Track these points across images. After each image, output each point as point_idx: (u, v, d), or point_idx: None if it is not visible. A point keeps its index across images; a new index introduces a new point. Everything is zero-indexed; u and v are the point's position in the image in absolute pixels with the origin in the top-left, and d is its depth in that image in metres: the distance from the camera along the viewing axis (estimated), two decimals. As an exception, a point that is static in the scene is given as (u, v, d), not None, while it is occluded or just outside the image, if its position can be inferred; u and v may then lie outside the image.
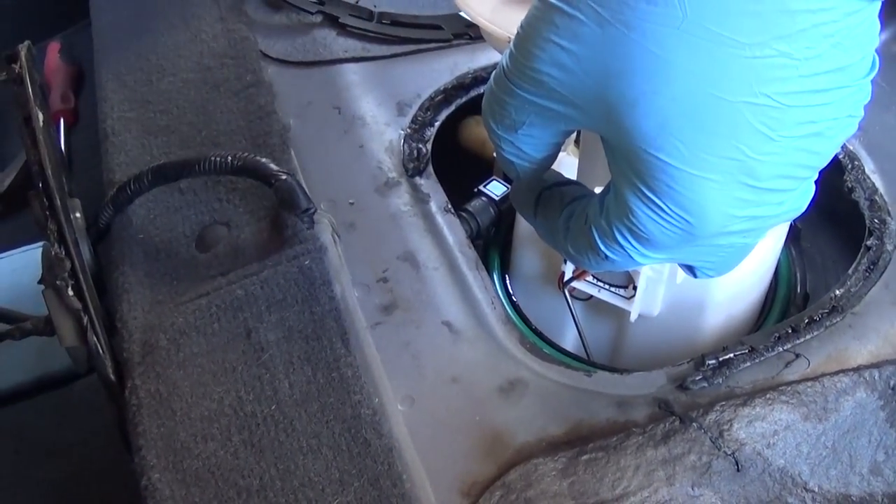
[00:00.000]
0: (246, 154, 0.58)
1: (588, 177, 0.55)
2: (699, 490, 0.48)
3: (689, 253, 0.40)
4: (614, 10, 0.34)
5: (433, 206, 0.64)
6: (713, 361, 0.53)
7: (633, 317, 0.60)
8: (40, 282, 0.53)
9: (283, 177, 0.57)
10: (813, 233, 0.71)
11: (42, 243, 0.54)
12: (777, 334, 0.54)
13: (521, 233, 0.66)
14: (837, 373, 0.52)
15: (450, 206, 0.64)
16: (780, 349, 0.54)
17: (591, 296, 0.61)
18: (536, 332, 0.64)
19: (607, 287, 0.60)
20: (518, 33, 0.38)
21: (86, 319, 0.52)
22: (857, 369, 0.52)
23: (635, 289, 0.59)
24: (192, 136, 0.67)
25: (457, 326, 0.56)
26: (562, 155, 0.56)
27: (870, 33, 0.36)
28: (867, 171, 0.64)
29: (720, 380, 0.52)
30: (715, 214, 0.37)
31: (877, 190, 0.63)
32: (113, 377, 0.54)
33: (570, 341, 0.67)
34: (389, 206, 0.64)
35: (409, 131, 0.69)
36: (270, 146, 0.64)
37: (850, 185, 0.64)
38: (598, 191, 0.43)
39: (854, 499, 0.48)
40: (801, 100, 0.35)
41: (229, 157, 0.57)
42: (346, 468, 0.47)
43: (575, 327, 0.65)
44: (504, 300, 0.64)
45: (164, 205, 0.62)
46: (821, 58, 0.35)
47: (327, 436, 0.49)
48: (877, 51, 0.37)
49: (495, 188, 0.69)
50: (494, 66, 0.73)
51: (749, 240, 0.40)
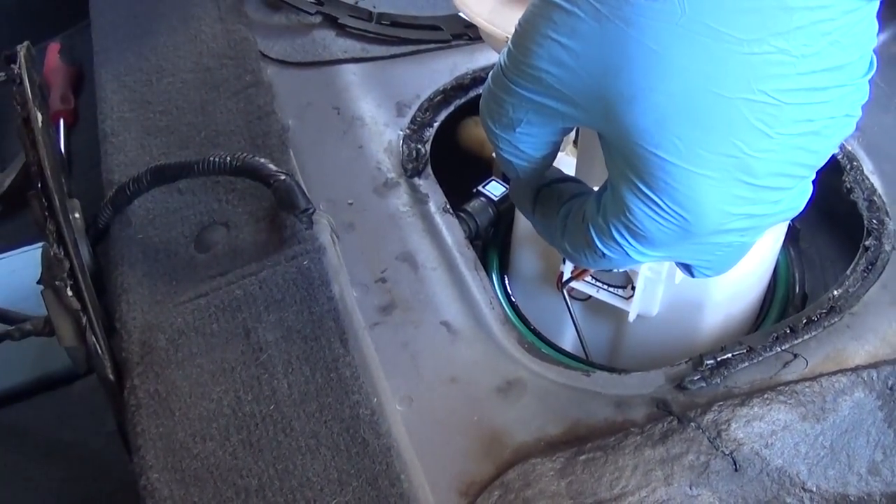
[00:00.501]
0: (245, 154, 0.58)
1: (586, 176, 0.55)
2: (697, 490, 0.48)
3: (686, 251, 0.40)
4: (612, 7, 0.34)
5: (432, 207, 0.64)
6: (711, 361, 0.53)
7: (631, 317, 0.60)
8: (39, 282, 0.53)
9: (282, 177, 0.57)
10: (811, 233, 0.71)
11: (41, 244, 0.54)
12: (775, 334, 0.54)
13: (520, 233, 0.66)
14: (835, 373, 0.52)
15: (448, 206, 0.64)
16: (779, 349, 0.54)
17: (590, 296, 0.62)
18: (535, 332, 0.64)
19: (606, 287, 0.60)
20: (516, 31, 0.38)
21: (85, 320, 0.52)
22: (855, 369, 0.52)
23: (634, 289, 0.59)
24: (192, 136, 0.67)
25: (455, 326, 0.56)
26: (560, 155, 0.57)
27: (868, 33, 0.36)
28: (866, 171, 0.64)
29: (718, 380, 0.52)
30: (712, 211, 0.37)
31: (875, 190, 0.63)
32: (112, 377, 0.54)
33: (568, 341, 0.67)
34: (388, 206, 0.64)
35: (408, 132, 0.69)
36: (269, 146, 0.64)
37: (848, 186, 0.64)
38: (595, 189, 0.43)
39: (852, 498, 0.48)
40: (799, 97, 0.35)
41: (228, 158, 0.57)
42: (344, 468, 0.47)
43: (573, 327, 0.65)
44: (503, 300, 0.64)
45: (163, 205, 0.62)
46: (819, 56, 0.35)
47: (326, 436, 0.49)
48: (875, 51, 0.38)
49: (494, 189, 0.69)
50: (493, 67, 0.74)
51: (746, 239, 0.40)
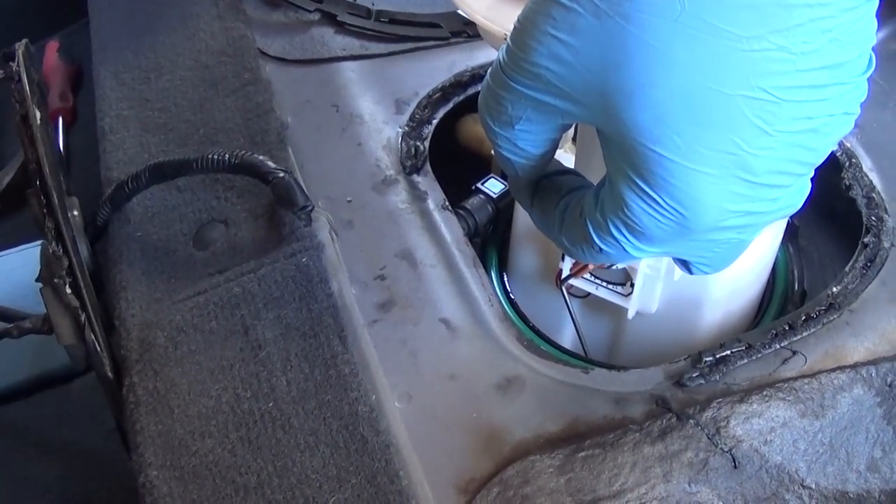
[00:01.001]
0: (243, 152, 0.58)
1: (585, 172, 0.55)
2: (696, 487, 0.48)
3: (684, 248, 0.40)
4: (612, 3, 0.34)
5: (431, 204, 0.64)
6: (710, 358, 0.53)
7: (630, 314, 0.60)
8: (38, 279, 0.53)
9: (281, 174, 0.57)
10: (810, 230, 0.71)
11: (40, 241, 0.54)
12: (774, 331, 0.54)
13: (519, 230, 0.66)
14: (834, 370, 0.52)
15: (447, 203, 0.64)
16: (778, 346, 0.54)
17: (589, 293, 0.62)
18: (534, 329, 0.64)
19: (605, 284, 0.60)
20: (515, 28, 0.38)
21: (83, 317, 0.52)
22: (854, 366, 0.52)
23: (633, 286, 0.59)
24: (190, 133, 0.67)
25: (454, 324, 0.56)
26: (559, 152, 0.56)
27: (867, 30, 0.36)
28: (864, 168, 0.64)
29: (717, 377, 0.52)
30: (710, 208, 0.37)
31: (874, 187, 0.63)
32: (111, 375, 0.54)
33: (567, 339, 0.67)
34: (387, 203, 0.64)
35: (406, 129, 0.69)
36: (268, 144, 0.64)
37: (847, 183, 0.64)
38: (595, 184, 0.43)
39: (851, 495, 0.48)
40: (798, 95, 0.35)
41: (227, 155, 0.57)
42: (343, 465, 0.47)
43: (572, 325, 0.65)
44: (502, 298, 0.64)
45: (162, 203, 0.62)
46: (818, 53, 0.35)
47: (325, 433, 0.49)
48: (874, 49, 0.38)
49: (493, 186, 0.69)
50: (492, 64, 0.74)
51: (744, 236, 0.40)
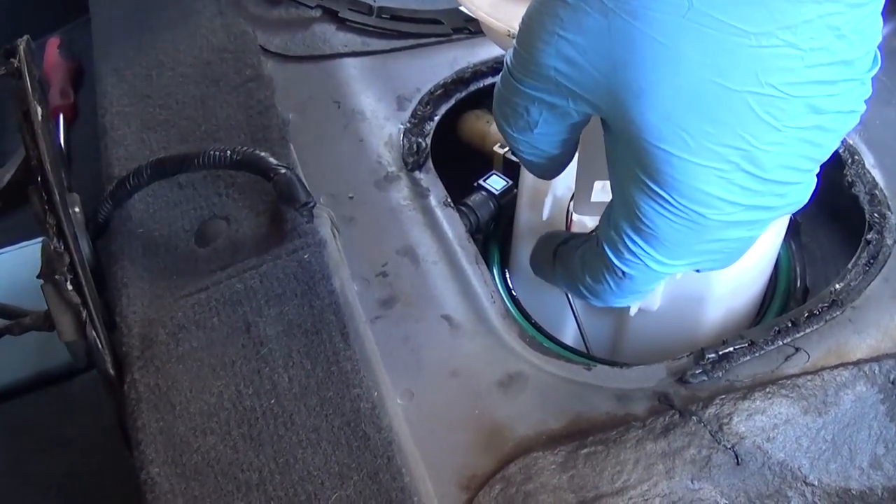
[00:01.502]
0: (245, 148, 0.58)
1: (588, 171, 0.55)
2: (699, 483, 0.48)
3: (700, 253, 0.40)
4: (619, 0, 0.34)
5: (433, 201, 0.64)
6: (713, 355, 0.53)
7: (632, 311, 0.60)
8: (39, 276, 0.53)
9: (283, 171, 0.57)
10: (813, 227, 0.71)
11: (41, 238, 0.54)
12: (777, 328, 0.54)
13: (521, 227, 0.66)
14: (837, 366, 0.52)
15: (449, 200, 0.64)
16: (780, 343, 0.54)
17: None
18: (536, 326, 0.64)
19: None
20: (521, 29, 0.38)
21: (85, 314, 0.52)
22: (856, 363, 0.52)
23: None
24: (192, 130, 0.67)
25: (456, 320, 0.56)
26: None
27: (873, 28, 0.36)
28: (867, 165, 0.64)
29: (720, 373, 0.52)
30: (721, 204, 0.37)
31: (877, 184, 0.63)
32: (112, 372, 0.54)
33: (569, 336, 0.67)
34: (389, 200, 0.64)
35: (408, 125, 0.69)
36: (270, 140, 0.64)
37: (850, 180, 0.64)
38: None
39: (854, 492, 0.48)
40: (806, 91, 0.35)
41: (228, 152, 0.57)
42: (345, 462, 0.47)
43: (575, 322, 0.65)
44: (504, 294, 0.64)
45: (164, 199, 0.62)
46: (826, 50, 0.35)
47: (326, 430, 0.49)
48: (878, 46, 0.37)
49: (495, 182, 0.69)
50: (494, 61, 0.74)
51: (753, 232, 0.40)
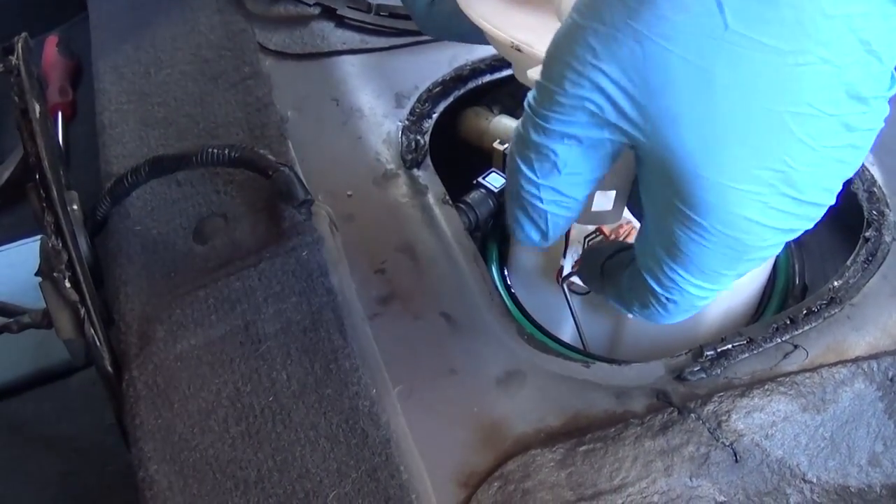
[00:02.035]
0: (243, 146, 0.58)
1: (603, 182, 0.55)
2: (697, 481, 0.48)
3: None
4: (650, 24, 0.33)
5: (431, 198, 0.64)
6: (712, 352, 0.53)
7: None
8: (37, 274, 0.53)
9: (281, 168, 0.57)
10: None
11: (40, 236, 0.54)
12: (775, 325, 0.54)
13: (520, 225, 0.66)
14: (836, 364, 0.52)
15: (448, 197, 0.64)
16: (779, 340, 0.54)
17: (590, 290, 0.61)
18: (535, 323, 0.64)
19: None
20: (547, 63, 0.36)
21: (83, 312, 0.52)
22: (855, 360, 0.52)
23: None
24: (190, 127, 0.67)
25: (455, 318, 0.56)
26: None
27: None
28: (865, 163, 0.64)
29: (718, 371, 0.52)
30: (759, 230, 0.36)
31: (875, 182, 0.63)
32: (110, 369, 0.54)
33: (568, 334, 0.67)
34: (387, 197, 0.64)
35: (407, 123, 0.69)
36: (268, 138, 0.64)
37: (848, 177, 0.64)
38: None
39: (852, 490, 0.48)
40: (841, 108, 0.34)
41: (227, 149, 0.57)
42: (343, 459, 0.47)
43: (573, 321, 0.64)
44: (502, 292, 0.64)
45: (162, 197, 0.62)
46: (859, 65, 0.34)
47: (325, 427, 0.49)
48: None
49: (494, 180, 0.68)
50: (493, 58, 0.74)
51: (778, 251, 0.39)
